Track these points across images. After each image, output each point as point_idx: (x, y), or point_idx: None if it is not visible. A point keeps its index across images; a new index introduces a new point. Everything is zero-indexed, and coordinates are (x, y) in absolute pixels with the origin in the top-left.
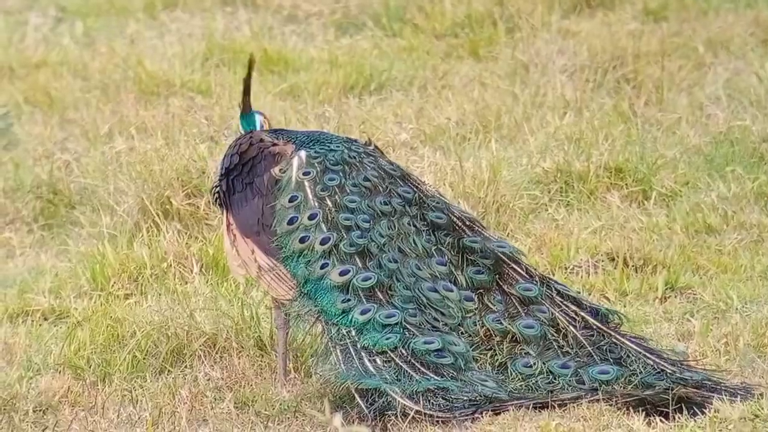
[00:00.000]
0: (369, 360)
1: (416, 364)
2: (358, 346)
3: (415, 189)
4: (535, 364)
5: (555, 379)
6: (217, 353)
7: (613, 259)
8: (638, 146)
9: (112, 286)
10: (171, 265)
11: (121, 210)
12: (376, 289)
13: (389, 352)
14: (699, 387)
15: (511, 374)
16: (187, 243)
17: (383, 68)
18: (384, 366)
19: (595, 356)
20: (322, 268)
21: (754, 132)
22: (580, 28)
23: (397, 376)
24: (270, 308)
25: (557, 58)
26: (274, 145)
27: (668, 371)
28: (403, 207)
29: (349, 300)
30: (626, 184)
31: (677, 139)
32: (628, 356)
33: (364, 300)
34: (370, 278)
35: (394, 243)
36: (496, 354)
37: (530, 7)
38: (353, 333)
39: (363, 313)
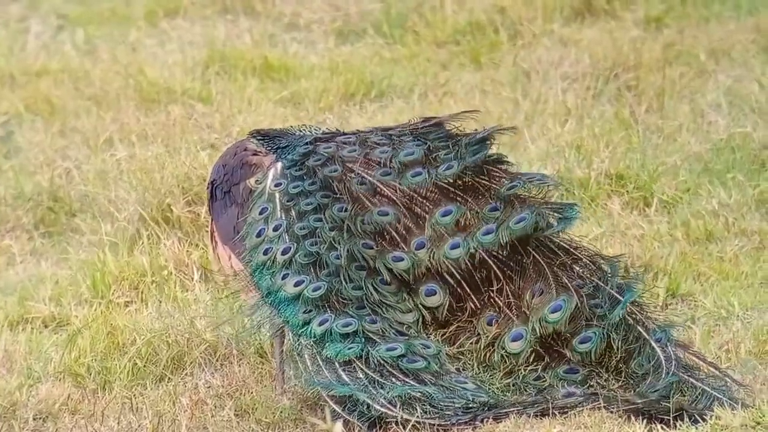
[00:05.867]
0: (342, 369)
1: (392, 370)
2: (324, 356)
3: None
4: (524, 336)
5: (543, 373)
6: (217, 360)
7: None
8: (639, 153)
9: (113, 293)
10: (171, 273)
11: (122, 217)
12: (329, 297)
13: (356, 361)
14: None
15: (497, 365)
16: (187, 250)
17: (384, 75)
18: (359, 374)
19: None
20: (283, 278)
21: (755, 139)
22: (581, 35)
23: (370, 384)
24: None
25: (558, 66)
26: (255, 154)
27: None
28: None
29: (310, 311)
30: (627, 191)
31: (678, 146)
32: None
33: (324, 310)
34: (320, 288)
35: (345, 225)
36: (480, 340)
37: (531, 15)
38: (316, 344)
39: (321, 324)
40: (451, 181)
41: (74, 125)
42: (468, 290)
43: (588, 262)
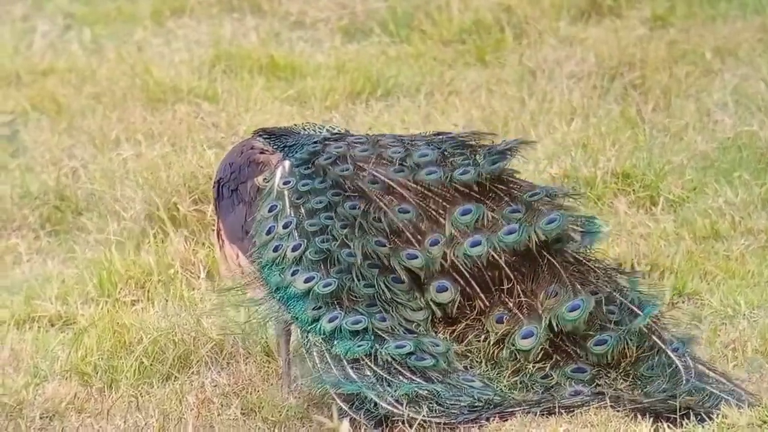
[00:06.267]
0: (350, 366)
1: (399, 368)
2: (333, 353)
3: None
4: (535, 333)
5: (551, 371)
6: (224, 359)
7: (621, 265)
8: (645, 152)
9: (119, 292)
10: (178, 272)
11: (128, 216)
12: (340, 294)
13: (364, 358)
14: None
15: (505, 363)
16: (194, 249)
17: (390, 74)
18: (366, 372)
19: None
20: (293, 275)
21: (762, 138)
22: (587, 34)
23: (378, 382)
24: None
25: (564, 64)
26: (262, 153)
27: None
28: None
29: (320, 308)
30: (633, 190)
31: (684, 144)
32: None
33: (334, 307)
34: (330, 284)
35: (357, 223)
36: (488, 338)
37: (537, 14)
38: (325, 341)
39: (330, 321)
40: (467, 186)
41: (80, 124)
42: (477, 289)
43: (602, 274)
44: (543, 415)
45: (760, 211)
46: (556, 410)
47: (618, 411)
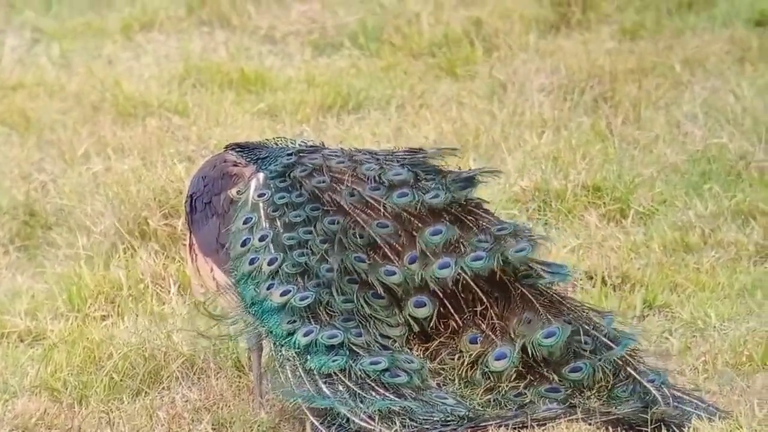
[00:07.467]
0: (323, 381)
1: (373, 384)
2: (306, 367)
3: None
4: (508, 355)
5: (525, 390)
6: (194, 374)
7: (591, 278)
8: (616, 165)
9: (89, 307)
10: (148, 286)
11: (98, 231)
12: (317, 308)
13: (338, 374)
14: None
15: (478, 382)
16: (164, 264)
17: (361, 87)
18: (339, 387)
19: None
20: (268, 288)
21: (731, 150)
22: (557, 47)
23: (351, 397)
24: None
25: (535, 77)
26: (235, 165)
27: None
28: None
29: (294, 321)
30: (604, 203)
31: (654, 157)
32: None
33: (309, 321)
34: (307, 297)
35: (336, 238)
36: (462, 357)
37: (507, 27)
38: (299, 355)
39: (306, 335)
40: (438, 210)
41: (50, 139)
42: (451, 309)
43: (573, 308)
44: (515, 428)
45: (730, 224)
46: (528, 424)
47: (590, 424)
